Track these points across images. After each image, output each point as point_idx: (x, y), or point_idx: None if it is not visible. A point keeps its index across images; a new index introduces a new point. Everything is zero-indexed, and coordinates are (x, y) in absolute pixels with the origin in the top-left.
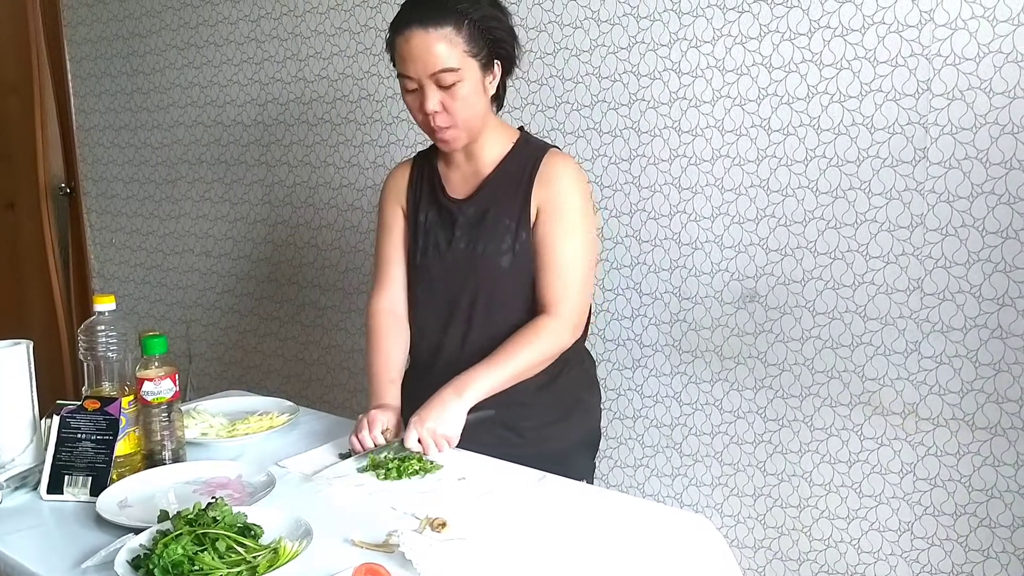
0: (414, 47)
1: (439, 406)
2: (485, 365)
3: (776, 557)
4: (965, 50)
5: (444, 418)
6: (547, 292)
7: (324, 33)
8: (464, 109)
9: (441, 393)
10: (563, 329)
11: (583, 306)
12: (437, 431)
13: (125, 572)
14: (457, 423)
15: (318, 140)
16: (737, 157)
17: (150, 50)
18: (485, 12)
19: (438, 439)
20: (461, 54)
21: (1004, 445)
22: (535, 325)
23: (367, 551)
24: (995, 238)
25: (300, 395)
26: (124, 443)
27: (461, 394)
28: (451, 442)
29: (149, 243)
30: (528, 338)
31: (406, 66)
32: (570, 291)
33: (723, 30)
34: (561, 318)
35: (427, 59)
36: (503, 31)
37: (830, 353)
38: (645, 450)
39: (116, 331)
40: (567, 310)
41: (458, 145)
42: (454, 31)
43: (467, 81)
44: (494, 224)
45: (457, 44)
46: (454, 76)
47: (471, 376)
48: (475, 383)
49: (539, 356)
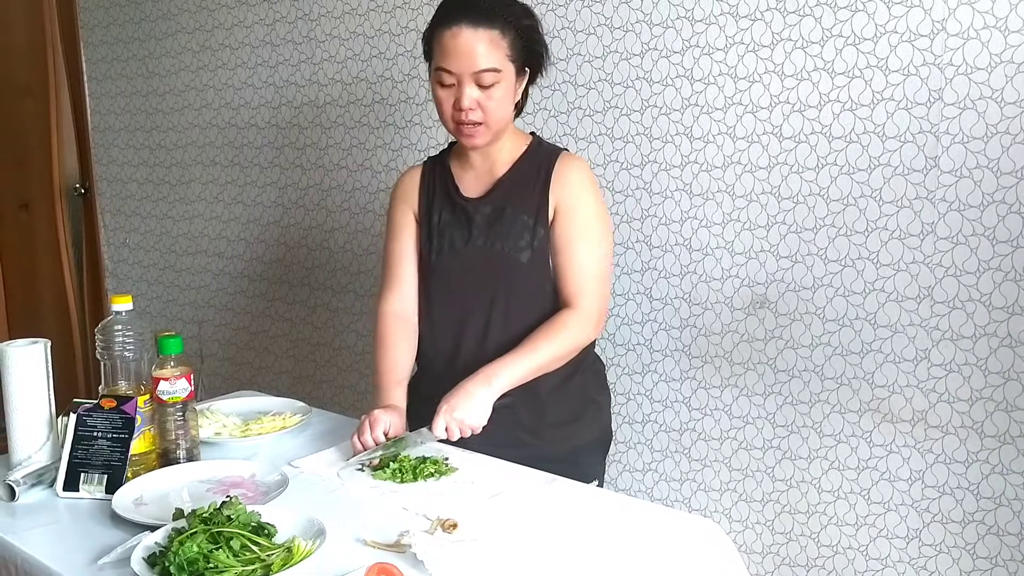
0: (461, 44)
1: (467, 395)
2: (512, 356)
3: (784, 563)
4: (977, 60)
5: (472, 406)
6: (568, 288)
7: (338, 37)
8: (497, 110)
9: (469, 382)
10: (586, 323)
11: (603, 302)
12: (465, 420)
13: (141, 569)
14: (485, 412)
15: (331, 143)
16: (748, 164)
17: (165, 52)
18: (528, 22)
19: (464, 427)
20: (503, 57)
21: (1013, 453)
22: (560, 319)
23: (379, 551)
24: (1005, 247)
25: (311, 396)
26: (139, 441)
27: (490, 383)
28: (476, 431)
29: (162, 243)
30: (554, 330)
31: (448, 61)
32: (590, 287)
33: (736, 37)
34: (584, 312)
35: (472, 57)
36: (540, 43)
37: (840, 360)
38: (654, 454)
39: (133, 331)
40: (589, 304)
41: (482, 143)
42: (500, 34)
43: (503, 83)
44: (512, 221)
45: (501, 47)
46: (494, 77)
47: (499, 366)
48: (503, 373)
49: (564, 348)
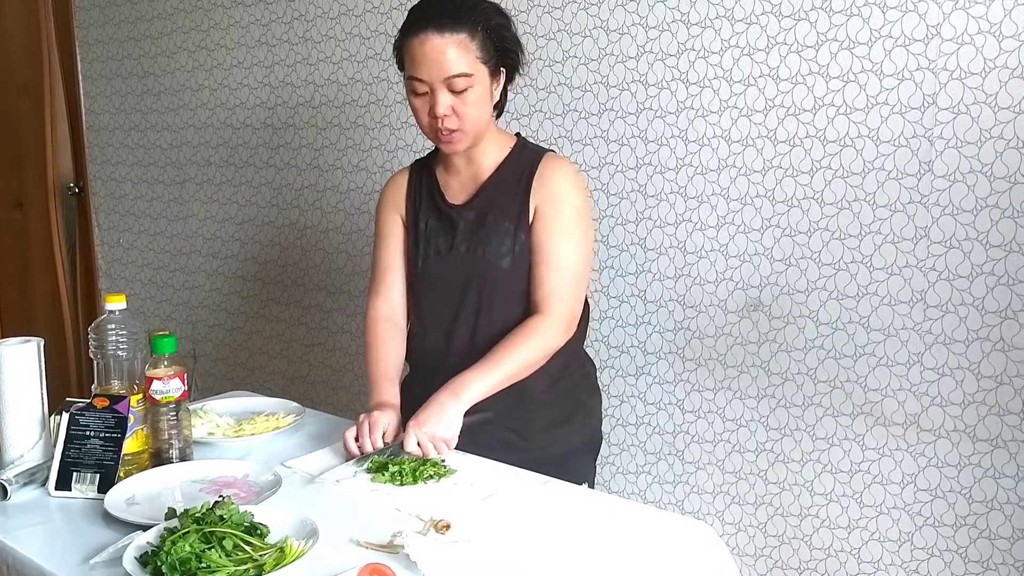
0: (428, 51)
1: (437, 409)
2: (480, 367)
3: (776, 566)
4: (971, 65)
5: (442, 421)
6: (540, 291)
7: (335, 38)
8: (472, 114)
9: (438, 396)
10: (555, 329)
11: (576, 306)
12: (436, 435)
13: (133, 569)
14: (455, 425)
15: (327, 144)
16: (743, 167)
17: (161, 52)
18: (497, 21)
19: (436, 442)
20: (473, 60)
21: (1005, 457)
22: (528, 326)
23: (372, 551)
24: (999, 251)
25: (304, 397)
26: (132, 441)
27: (458, 396)
28: (449, 444)
29: (157, 243)
30: (521, 339)
31: (419, 69)
32: (563, 291)
33: (731, 41)
34: (553, 317)
35: (441, 63)
36: (511, 41)
37: (833, 363)
38: (647, 457)
39: (126, 330)
40: (560, 309)
41: (461, 148)
42: (468, 37)
43: (477, 87)
44: (493, 227)
45: (471, 50)
46: (466, 81)
47: (467, 378)
48: (471, 385)
49: (532, 356)
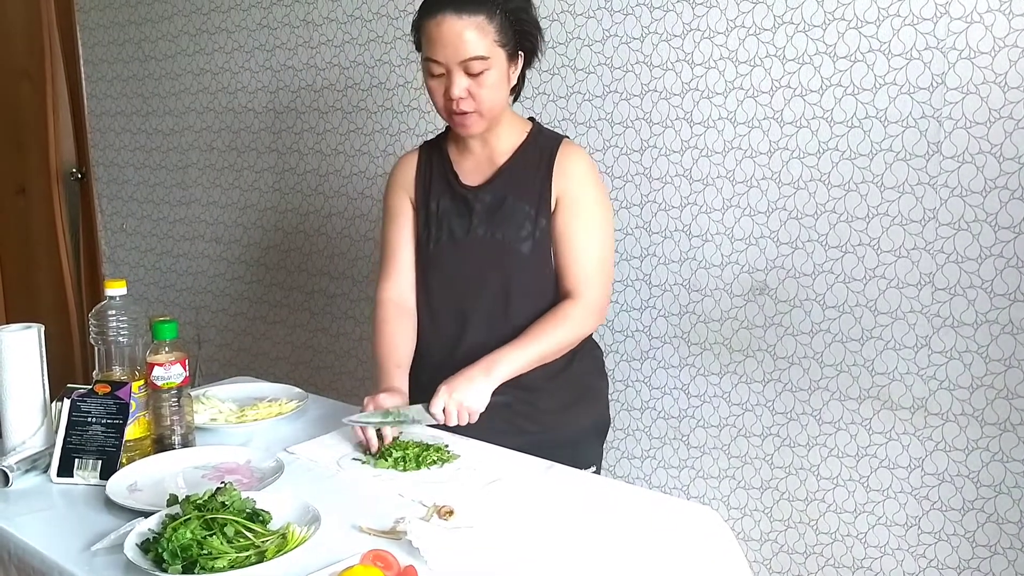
0: (446, 32)
1: (468, 379)
2: (514, 346)
3: (782, 550)
4: (980, 44)
5: (472, 392)
6: (571, 279)
7: (336, 20)
8: (489, 97)
9: (472, 369)
10: (589, 314)
11: (606, 292)
12: (464, 403)
13: (134, 555)
14: (483, 399)
15: (329, 128)
16: (749, 149)
17: (162, 36)
18: (516, 4)
19: (463, 410)
20: (491, 43)
21: (1013, 441)
22: (562, 309)
23: (375, 538)
24: (1008, 233)
25: (308, 382)
26: (134, 427)
27: (490, 372)
28: (473, 416)
29: (160, 229)
30: (556, 321)
31: (435, 51)
32: (593, 278)
33: (737, 21)
34: (586, 303)
35: (458, 46)
36: (531, 24)
37: (839, 347)
38: (652, 441)
39: (127, 316)
40: (592, 295)
41: (477, 131)
42: (487, 20)
43: (494, 70)
44: (513, 210)
45: (488, 33)
46: (483, 64)
47: (500, 355)
48: (504, 362)
49: (566, 339)
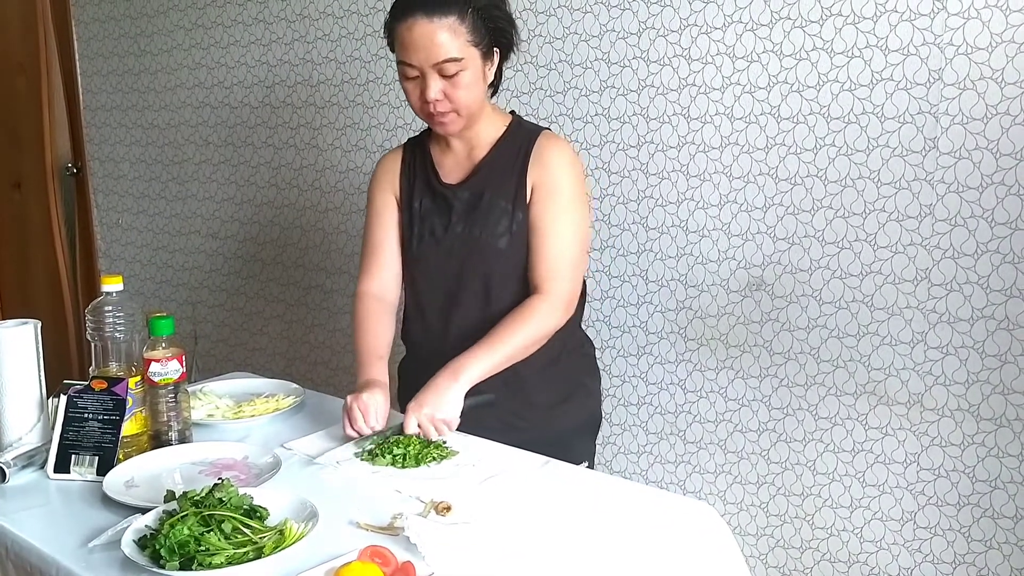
0: (417, 36)
1: (435, 391)
2: (479, 348)
3: (778, 545)
4: (977, 39)
5: (441, 402)
6: (539, 272)
7: (332, 15)
8: (465, 97)
9: (437, 378)
10: (554, 309)
11: (574, 286)
12: (436, 416)
13: (131, 552)
14: (455, 407)
15: (325, 123)
16: (746, 145)
17: (158, 30)
18: (488, 1)
19: (437, 424)
20: (464, 44)
21: (1009, 436)
22: (527, 306)
23: (372, 534)
24: (1004, 229)
25: (305, 377)
26: (131, 423)
27: (457, 378)
28: (450, 425)
29: (155, 224)
30: (520, 319)
31: (408, 54)
32: (562, 271)
33: (734, 16)
34: (552, 298)
35: (431, 49)
36: (504, 20)
37: (836, 342)
38: (649, 437)
39: (123, 311)
40: (558, 290)
41: (456, 130)
42: (458, 20)
43: (469, 70)
44: (490, 207)
45: (461, 34)
46: (457, 66)
47: (465, 359)
48: (470, 366)
49: (532, 337)
